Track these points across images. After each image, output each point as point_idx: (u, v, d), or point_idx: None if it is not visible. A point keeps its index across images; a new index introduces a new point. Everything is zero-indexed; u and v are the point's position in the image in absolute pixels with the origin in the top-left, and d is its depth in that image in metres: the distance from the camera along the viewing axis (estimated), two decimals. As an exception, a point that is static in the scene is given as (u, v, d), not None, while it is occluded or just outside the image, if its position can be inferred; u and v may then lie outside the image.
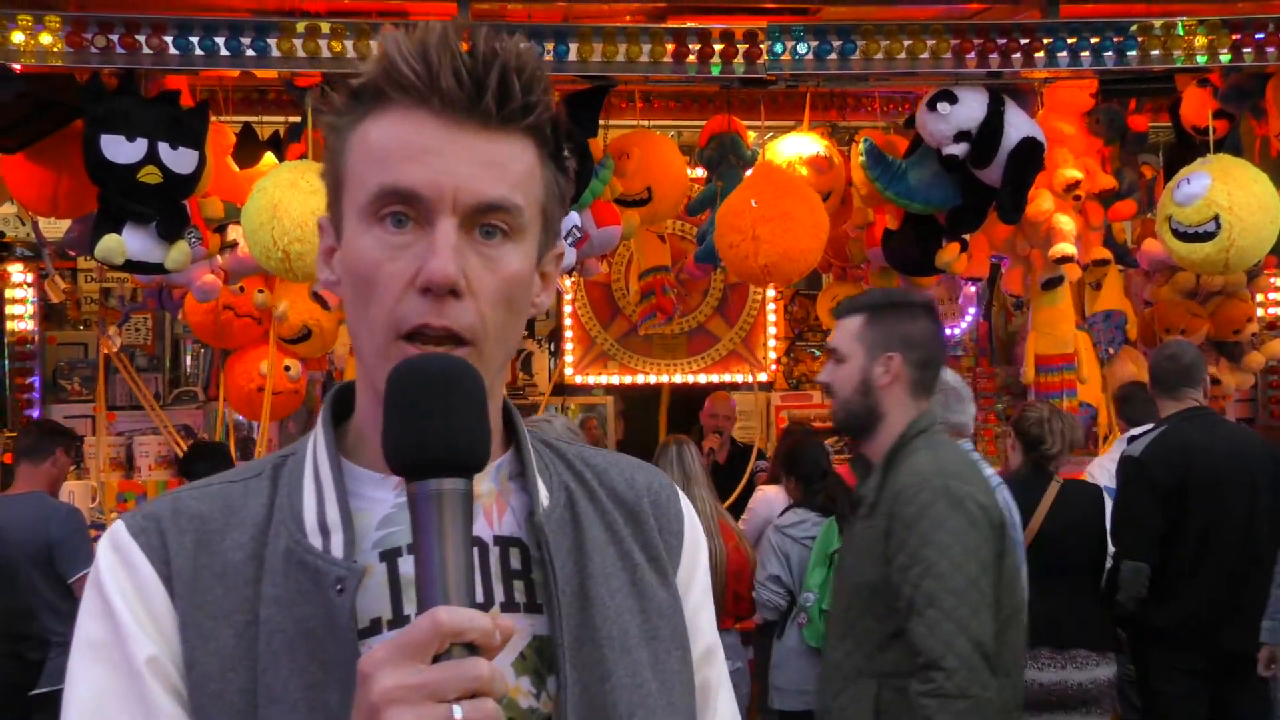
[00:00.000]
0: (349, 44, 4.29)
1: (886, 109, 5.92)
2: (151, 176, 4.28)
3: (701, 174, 5.86)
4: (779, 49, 4.46)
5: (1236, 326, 6.02)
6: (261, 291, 5.27)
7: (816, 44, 4.47)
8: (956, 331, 7.20)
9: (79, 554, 4.63)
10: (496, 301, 0.97)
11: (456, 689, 0.78)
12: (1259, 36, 4.54)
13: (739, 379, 7.40)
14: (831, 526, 4.74)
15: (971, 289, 6.82)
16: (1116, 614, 4.25)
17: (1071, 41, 4.54)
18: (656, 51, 4.43)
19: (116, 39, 4.19)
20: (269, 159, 5.20)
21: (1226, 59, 4.57)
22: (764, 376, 7.56)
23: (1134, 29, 4.55)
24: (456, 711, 0.78)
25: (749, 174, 5.33)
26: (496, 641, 0.81)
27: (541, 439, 1.12)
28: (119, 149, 4.24)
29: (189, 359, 8.03)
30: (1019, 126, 4.69)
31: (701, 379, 7.44)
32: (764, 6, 4.89)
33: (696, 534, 1.13)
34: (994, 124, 4.65)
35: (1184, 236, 4.63)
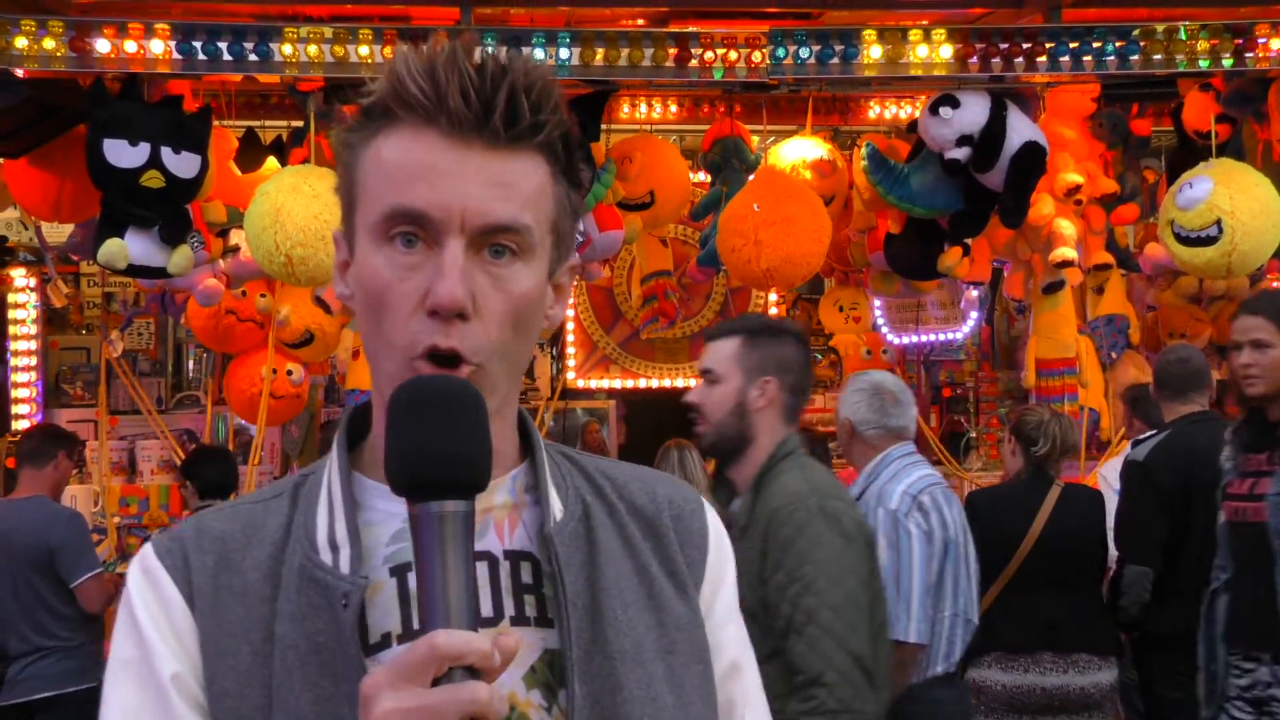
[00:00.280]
0: (352, 48, 4.29)
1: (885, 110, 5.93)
2: (154, 181, 4.28)
3: (704, 178, 5.86)
4: (781, 53, 4.47)
5: (1239, 330, 6.01)
6: (264, 296, 5.27)
7: (819, 48, 4.47)
8: (958, 336, 7.20)
9: (81, 558, 4.64)
10: (504, 322, 0.97)
11: (455, 713, 0.79)
12: (1261, 40, 4.54)
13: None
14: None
15: (974, 293, 6.82)
16: (1119, 619, 4.24)
17: (1074, 46, 4.54)
18: (659, 55, 4.43)
19: (119, 44, 4.20)
20: (271, 163, 5.21)
21: (1229, 63, 4.56)
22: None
23: (1136, 33, 4.55)
24: None
25: (751, 178, 5.34)
26: (496, 663, 0.82)
27: (563, 451, 1.12)
28: (122, 153, 4.25)
29: (191, 363, 8.03)
30: (1021, 131, 4.69)
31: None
32: (766, 11, 4.89)
33: (723, 548, 1.13)
34: (996, 128, 4.66)
35: (1186, 241, 4.62)
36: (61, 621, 4.61)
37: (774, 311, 7.51)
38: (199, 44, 4.24)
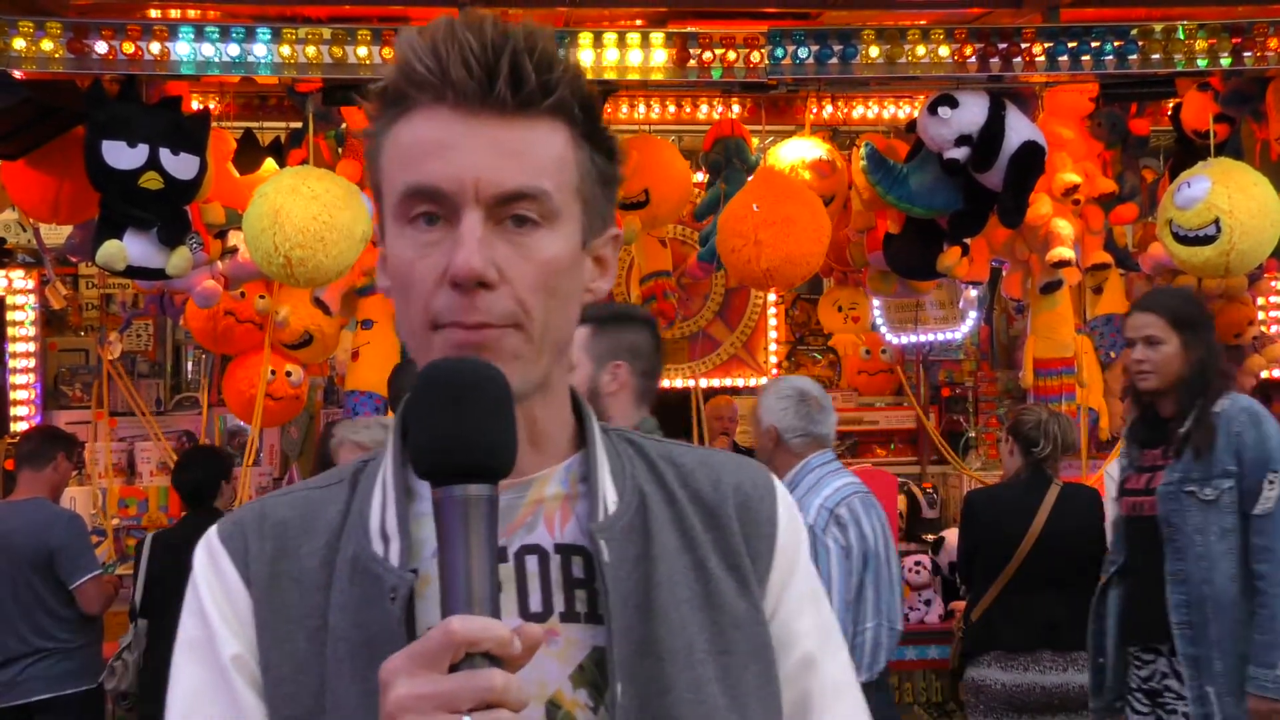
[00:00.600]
0: (350, 49, 4.29)
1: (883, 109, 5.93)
2: (153, 182, 4.28)
3: (702, 179, 5.86)
4: (780, 53, 4.47)
5: (1237, 330, 6.02)
6: (263, 297, 5.27)
7: (818, 48, 4.48)
8: (957, 335, 7.20)
9: (80, 560, 4.64)
10: (535, 287, 0.96)
11: (470, 699, 0.77)
12: (1259, 40, 4.54)
13: (740, 383, 7.39)
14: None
15: (972, 293, 6.82)
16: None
17: (1072, 45, 4.55)
18: (657, 56, 4.43)
19: (118, 45, 4.20)
20: (270, 165, 5.20)
21: (1227, 63, 4.57)
22: (765, 380, 7.55)
23: (1134, 33, 4.55)
24: None
25: (751, 179, 5.34)
26: (516, 650, 0.80)
27: (626, 436, 1.09)
28: (120, 155, 4.25)
29: (190, 365, 8.03)
30: (1020, 130, 4.70)
31: (703, 383, 7.44)
32: (765, 11, 4.89)
33: (794, 535, 1.08)
34: (995, 128, 4.66)
35: (1185, 240, 4.63)
36: (60, 623, 4.60)
37: (773, 311, 7.52)
38: (197, 45, 4.24)
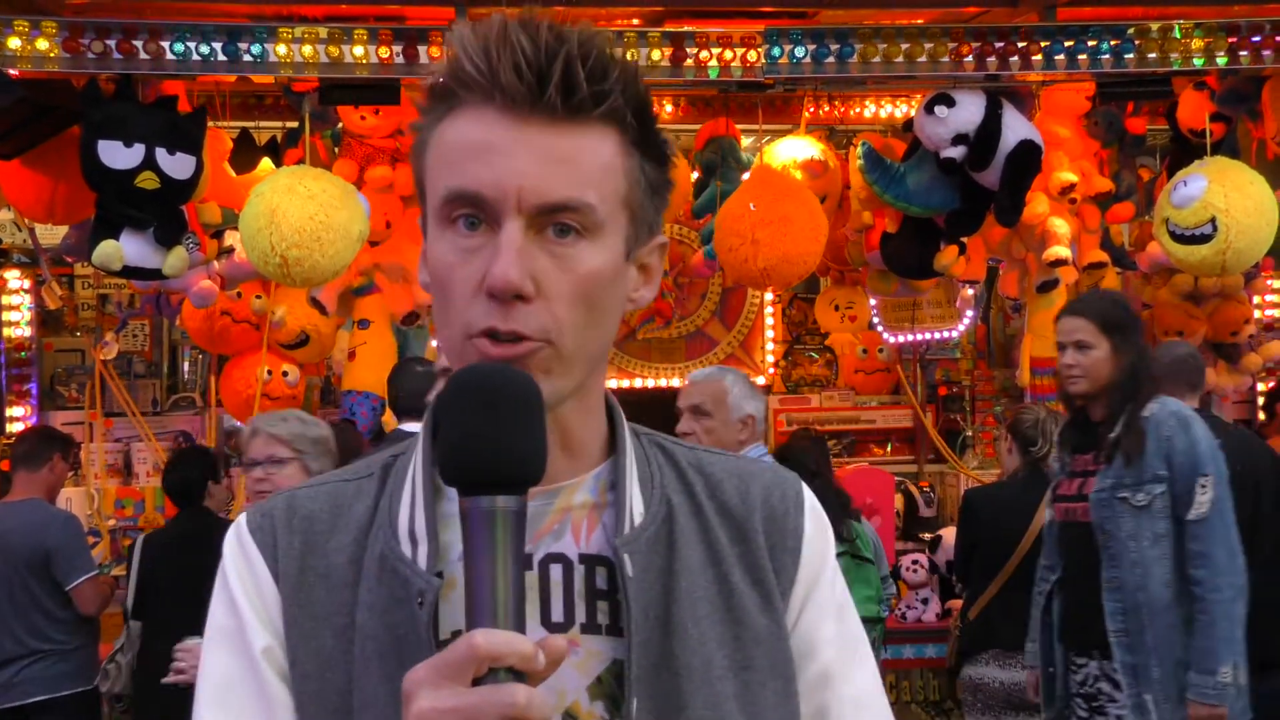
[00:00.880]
0: (347, 49, 4.28)
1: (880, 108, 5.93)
2: (149, 182, 4.27)
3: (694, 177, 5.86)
4: (777, 52, 4.47)
5: (1234, 328, 6.03)
6: (259, 297, 5.26)
7: (814, 47, 4.47)
8: (954, 334, 7.20)
9: (77, 561, 4.62)
10: (574, 301, 0.93)
11: (492, 715, 0.76)
12: (1255, 39, 4.54)
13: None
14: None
15: (969, 292, 6.82)
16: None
17: (1068, 44, 4.55)
18: (654, 55, 4.43)
19: (114, 44, 4.19)
20: (266, 164, 5.20)
21: (1223, 62, 4.57)
22: (761, 380, 7.56)
23: (1131, 32, 4.56)
24: None
25: (746, 177, 5.34)
26: (539, 665, 0.79)
27: (657, 441, 1.08)
28: (116, 155, 4.24)
29: (187, 365, 8.02)
30: (1016, 129, 4.70)
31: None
32: (761, 10, 4.89)
33: (820, 547, 1.06)
34: (991, 127, 4.66)
35: (1181, 239, 4.63)
36: (57, 624, 4.59)
37: (770, 311, 7.50)
38: (193, 45, 4.23)
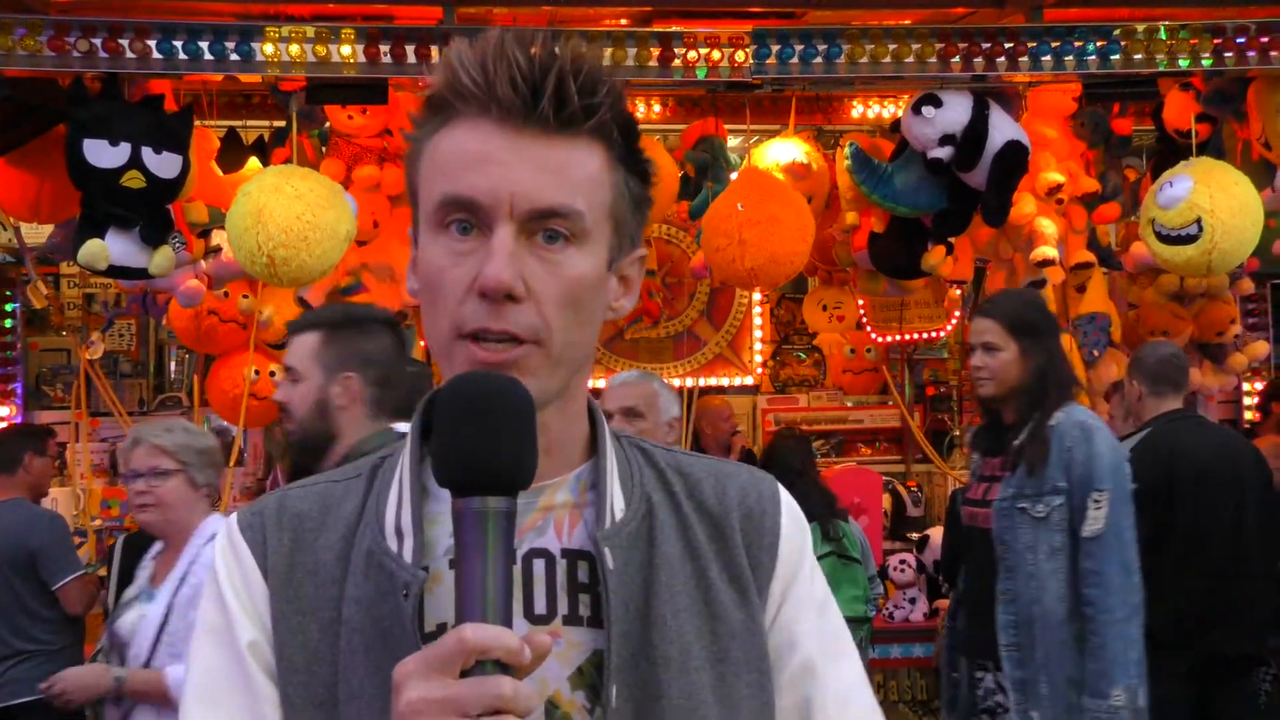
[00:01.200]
0: (334, 48, 4.27)
1: (867, 109, 5.94)
2: (135, 181, 4.26)
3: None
4: (765, 53, 4.47)
5: (1219, 328, 6.06)
6: (246, 297, 5.25)
7: (802, 48, 4.48)
8: (942, 334, 7.22)
9: (62, 560, 4.61)
10: (561, 303, 0.98)
11: (479, 705, 0.80)
12: (1240, 40, 4.56)
13: (725, 382, 7.40)
14: (815, 532, 4.74)
15: (957, 292, 6.84)
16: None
17: (1055, 45, 4.56)
18: (642, 55, 4.43)
19: (99, 43, 4.17)
20: (253, 164, 5.18)
21: (1208, 63, 4.59)
22: (750, 380, 7.56)
23: (1117, 33, 4.57)
24: None
25: (734, 178, 5.34)
26: (525, 659, 0.83)
27: (637, 444, 1.12)
28: (102, 153, 4.22)
29: (173, 365, 8.00)
30: (1003, 130, 4.71)
31: (688, 382, 7.44)
32: (749, 11, 4.89)
33: (797, 543, 1.10)
34: (979, 127, 4.67)
35: (1167, 239, 4.65)
36: (42, 625, 4.58)
37: (758, 311, 7.52)
38: (180, 43, 4.21)
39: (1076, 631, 3.21)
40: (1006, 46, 4.54)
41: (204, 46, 4.22)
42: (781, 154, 5.42)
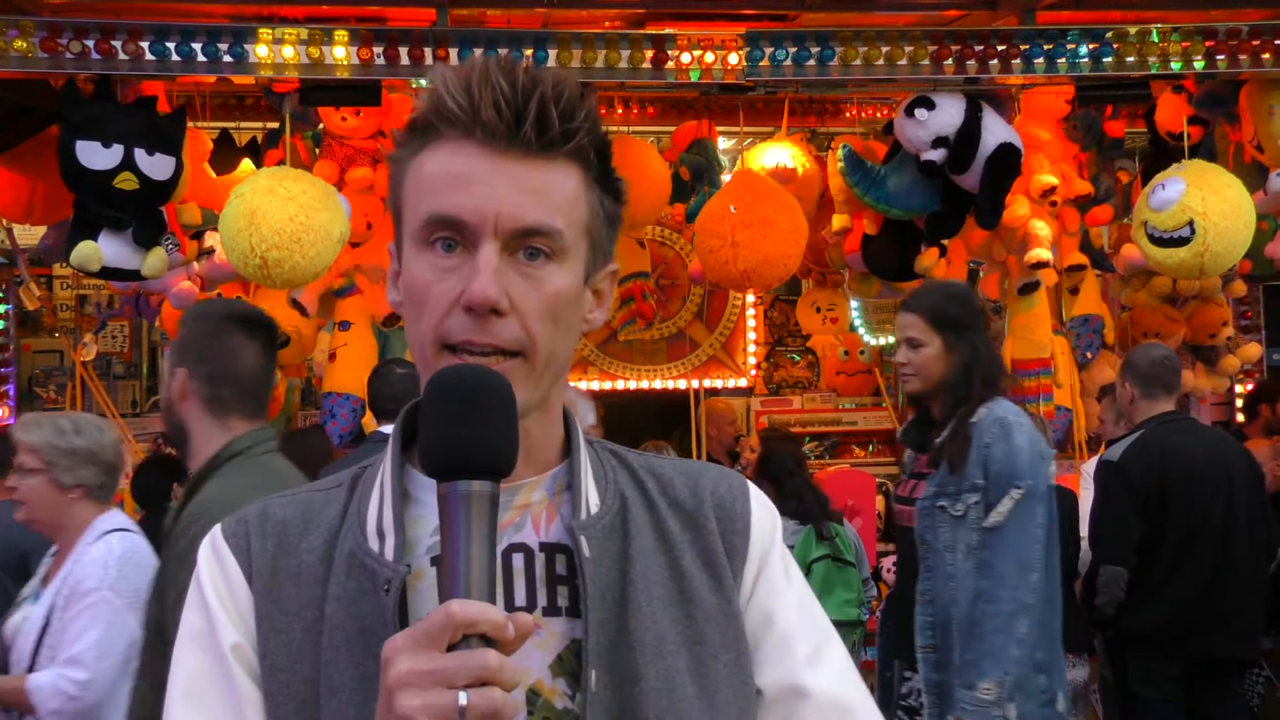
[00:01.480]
0: (327, 50, 4.27)
1: (863, 114, 5.95)
2: (128, 183, 4.25)
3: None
4: (758, 55, 4.48)
5: (1212, 330, 6.07)
6: (239, 298, 5.24)
7: (795, 50, 4.48)
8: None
9: (54, 563, 4.59)
10: (543, 317, 1.03)
11: (465, 677, 0.83)
12: (1232, 43, 4.58)
13: (719, 384, 7.40)
14: (810, 534, 4.74)
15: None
16: (1094, 618, 4.27)
17: (1048, 48, 4.57)
18: (636, 57, 4.43)
19: (92, 44, 4.16)
20: (246, 165, 5.18)
21: (1200, 65, 4.60)
22: (744, 382, 7.57)
23: (1109, 36, 4.58)
24: (462, 698, 0.83)
25: (727, 180, 5.35)
26: (510, 634, 0.86)
27: (610, 449, 1.17)
28: (95, 155, 4.21)
29: (166, 366, 7.97)
30: (996, 132, 4.72)
31: (681, 384, 7.44)
32: (743, 13, 4.90)
33: (768, 529, 1.15)
34: (972, 130, 4.68)
35: (1159, 241, 4.66)
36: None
37: (751, 313, 7.51)
38: (173, 45, 4.21)
39: None
40: (999, 49, 4.55)
41: (197, 48, 4.21)
42: (764, 159, 5.43)
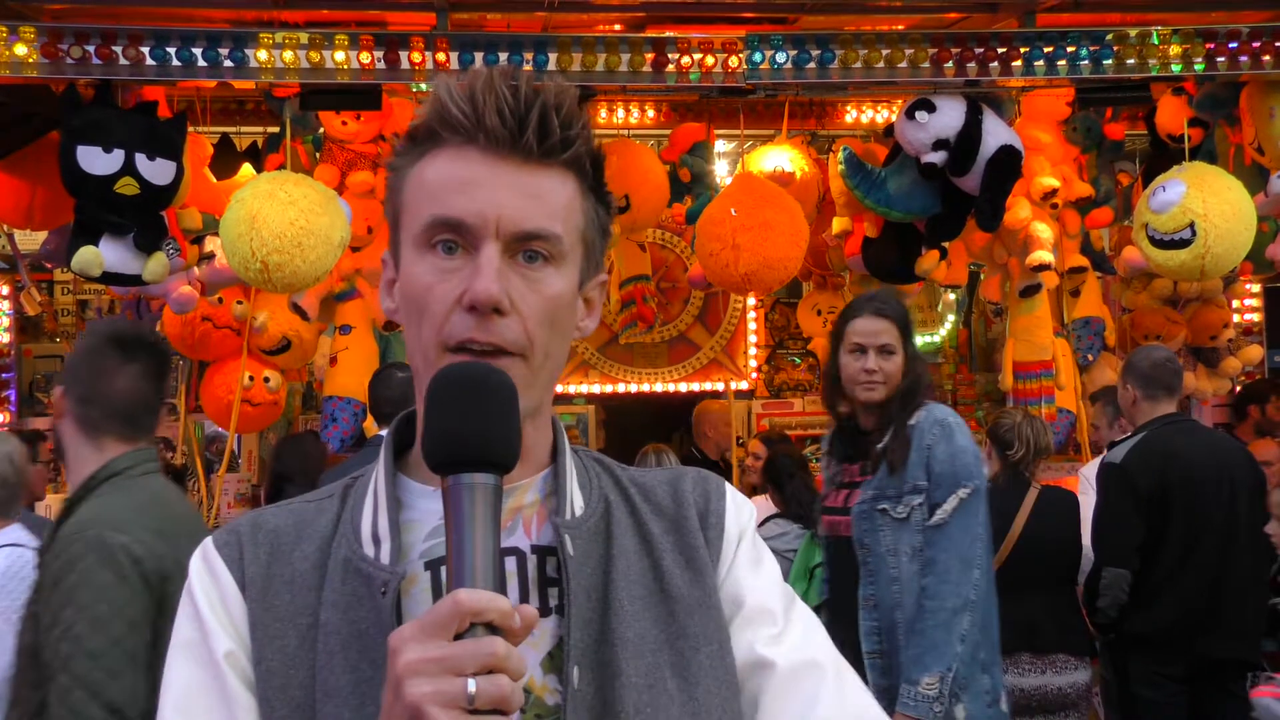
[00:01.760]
0: (328, 54, 4.27)
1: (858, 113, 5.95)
2: (129, 188, 4.25)
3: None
4: (758, 58, 4.48)
5: (1213, 332, 6.07)
6: (240, 303, 5.24)
7: (795, 53, 4.49)
8: (936, 339, 7.23)
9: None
10: (541, 319, 1.05)
11: (474, 664, 0.84)
12: (1232, 45, 4.58)
13: (720, 387, 7.40)
14: (811, 539, 4.73)
15: (951, 296, 6.85)
16: (1097, 620, 4.26)
17: (1048, 50, 4.57)
18: (636, 61, 4.43)
19: (93, 50, 4.17)
20: (247, 170, 5.18)
21: (1200, 68, 4.60)
22: (745, 384, 7.57)
23: (1110, 38, 4.58)
24: (471, 685, 0.83)
25: (729, 183, 5.35)
26: (516, 624, 0.87)
27: (595, 457, 1.20)
28: (95, 160, 4.22)
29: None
30: (997, 134, 4.72)
31: (682, 387, 7.45)
32: (743, 16, 4.90)
33: (741, 521, 1.19)
34: (972, 132, 4.68)
35: (1160, 244, 4.66)
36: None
37: (752, 316, 7.51)
38: (173, 50, 4.21)
39: None
40: (999, 51, 4.55)
41: (197, 53, 4.21)
42: (769, 161, 5.43)
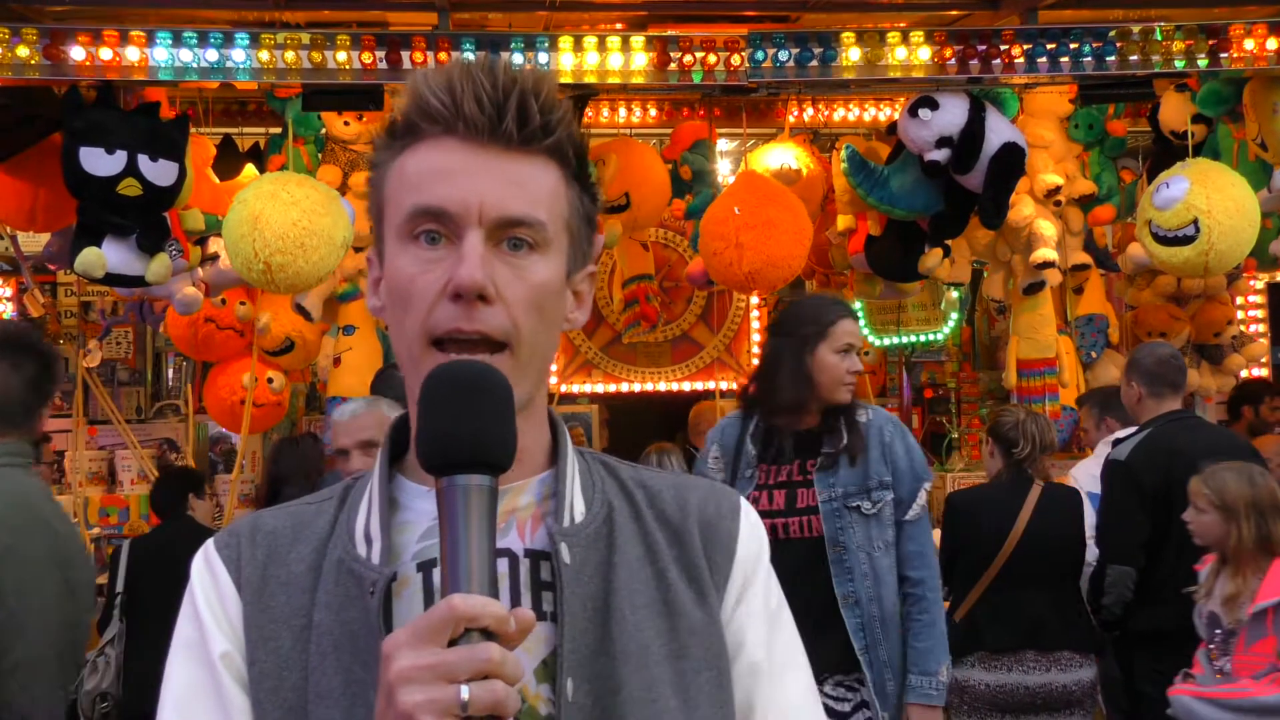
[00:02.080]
0: (329, 54, 4.27)
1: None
2: (131, 189, 4.25)
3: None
4: (760, 56, 4.48)
5: (1217, 329, 6.06)
6: (243, 304, 5.25)
7: (798, 51, 4.48)
8: (939, 337, 7.22)
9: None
10: (528, 307, 1.03)
11: (468, 670, 0.82)
12: (1235, 41, 4.57)
13: (723, 386, 7.40)
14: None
15: (954, 294, 6.85)
16: (1102, 617, 4.26)
17: (1051, 47, 4.57)
18: (638, 60, 4.43)
19: (95, 51, 4.17)
20: (249, 171, 5.19)
21: (1204, 64, 4.60)
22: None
23: (1112, 34, 4.57)
24: (464, 692, 0.82)
25: (732, 181, 5.35)
26: (512, 629, 0.85)
27: (600, 458, 1.17)
28: (98, 162, 4.22)
29: (171, 372, 7.99)
30: (1000, 132, 4.72)
31: (686, 387, 7.44)
32: (744, 15, 4.90)
33: (755, 549, 1.13)
34: (975, 129, 4.68)
35: (1164, 240, 4.65)
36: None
37: (755, 315, 7.51)
38: (175, 51, 4.21)
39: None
40: (1001, 48, 4.54)
41: (199, 54, 4.21)
42: (772, 159, 5.43)
